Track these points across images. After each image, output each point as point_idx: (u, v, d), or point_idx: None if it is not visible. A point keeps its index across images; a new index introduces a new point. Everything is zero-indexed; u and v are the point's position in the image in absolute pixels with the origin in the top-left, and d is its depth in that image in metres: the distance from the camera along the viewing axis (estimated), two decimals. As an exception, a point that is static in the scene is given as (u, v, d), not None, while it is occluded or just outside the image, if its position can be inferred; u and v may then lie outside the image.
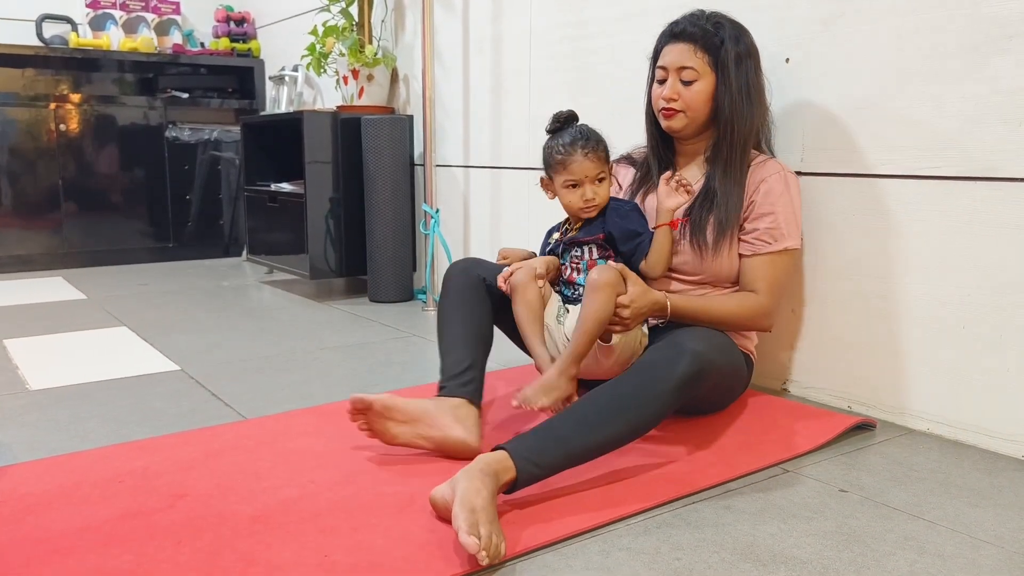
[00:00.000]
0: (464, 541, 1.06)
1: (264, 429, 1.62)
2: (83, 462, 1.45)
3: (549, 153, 1.64)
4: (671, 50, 1.63)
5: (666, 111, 1.64)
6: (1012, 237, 1.48)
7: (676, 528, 1.22)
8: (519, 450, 1.25)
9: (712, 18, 1.63)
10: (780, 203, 1.61)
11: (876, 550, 1.15)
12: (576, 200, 1.61)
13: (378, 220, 2.95)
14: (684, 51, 1.61)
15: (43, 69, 3.80)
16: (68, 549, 1.13)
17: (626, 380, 1.38)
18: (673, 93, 1.62)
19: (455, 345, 1.60)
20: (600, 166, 1.61)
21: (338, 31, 3.14)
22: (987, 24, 1.49)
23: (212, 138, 4.14)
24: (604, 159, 1.62)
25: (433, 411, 1.47)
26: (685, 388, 1.36)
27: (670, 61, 1.63)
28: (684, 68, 1.60)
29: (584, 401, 1.36)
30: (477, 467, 1.20)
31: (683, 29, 1.62)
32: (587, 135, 1.61)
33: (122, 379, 2.02)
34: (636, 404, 1.33)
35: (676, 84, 1.62)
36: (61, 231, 3.82)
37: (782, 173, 1.63)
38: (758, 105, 1.65)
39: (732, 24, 1.63)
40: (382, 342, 2.40)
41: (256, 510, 1.25)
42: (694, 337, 1.43)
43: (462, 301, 1.64)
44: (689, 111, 1.62)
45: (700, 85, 1.61)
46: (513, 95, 2.66)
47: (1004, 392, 1.52)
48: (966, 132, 1.53)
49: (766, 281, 1.60)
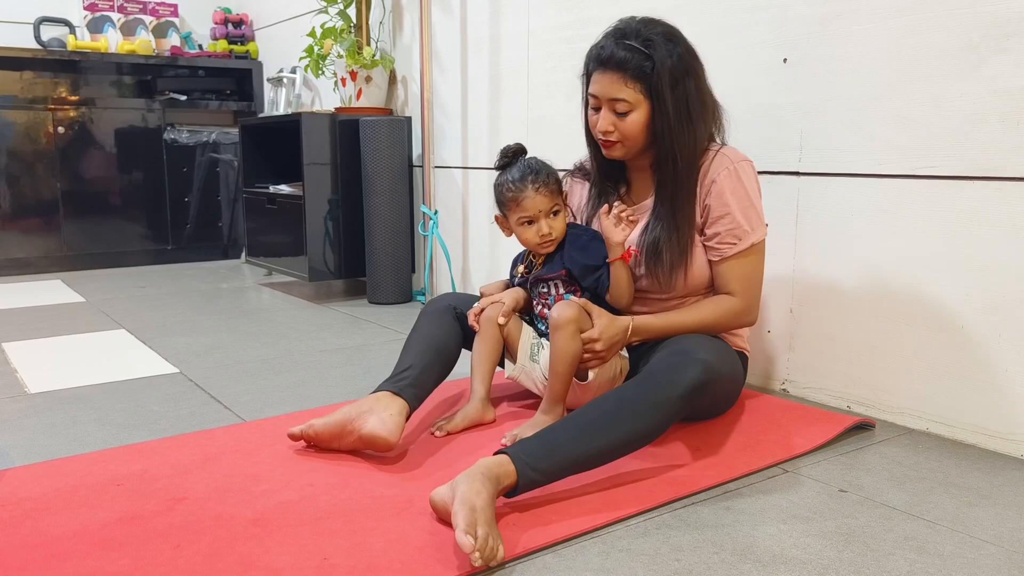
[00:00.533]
0: (460, 540, 1.06)
1: (263, 432, 1.62)
2: (81, 465, 1.45)
3: (500, 191, 1.61)
4: (600, 79, 1.51)
5: (604, 143, 1.57)
6: (1011, 236, 1.48)
7: (676, 529, 1.21)
8: (520, 455, 1.24)
9: (641, 34, 1.49)
10: (734, 199, 1.53)
11: (876, 550, 1.15)
12: (532, 237, 1.59)
13: (377, 222, 2.95)
14: (613, 81, 1.49)
15: (41, 72, 3.80)
16: (66, 553, 1.13)
17: (632, 387, 1.37)
18: (608, 126, 1.53)
19: (404, 353, 1.63)
20: (553, 199, 1.58)
21: (336, 33, 3.14)
22: (985, 23, 1.49)
23: (210, 140, 4.14)
24: (556, 191, 1.59)
25: (352, 414, 1.46)
26: (692, 396, 1.36)
27: (600, 92, 1.52)
28: (616, 100, 1.50)
29: (589, 408, 1.35)
30: (478, 469, 1.19)
31: (610, 55, 1.49)
32: (536, 169, 1.58)
33: (120, 382, 2.01)
34: (641, 411, 1.32)
35: (610, 116, 1.52)
36: (60, 234, 3.82)
37: (731, 167, 1.54)
38: (701, 121, 1.54)
39: (665, 37, 1.49)
40: (381, 344, 2.40)
41: (255, 513, 1.25)
42: (701, 346, 1.43)
43: (423, 324, 1.70)
44: (627, 141, 1.54)
45: (635, 116, 1.51)
46: (511, 96, 2.66)
47: (1003, 391, 1.52)
48: (964, 131, 1.53)
49: (739, 282, 1.56)
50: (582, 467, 1.30)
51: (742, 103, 1.91)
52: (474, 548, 1.05)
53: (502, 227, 1.68)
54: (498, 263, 2.78)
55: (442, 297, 1.77)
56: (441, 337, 1.65)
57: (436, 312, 1.71)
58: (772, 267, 1.88)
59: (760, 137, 1.88)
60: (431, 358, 1.61)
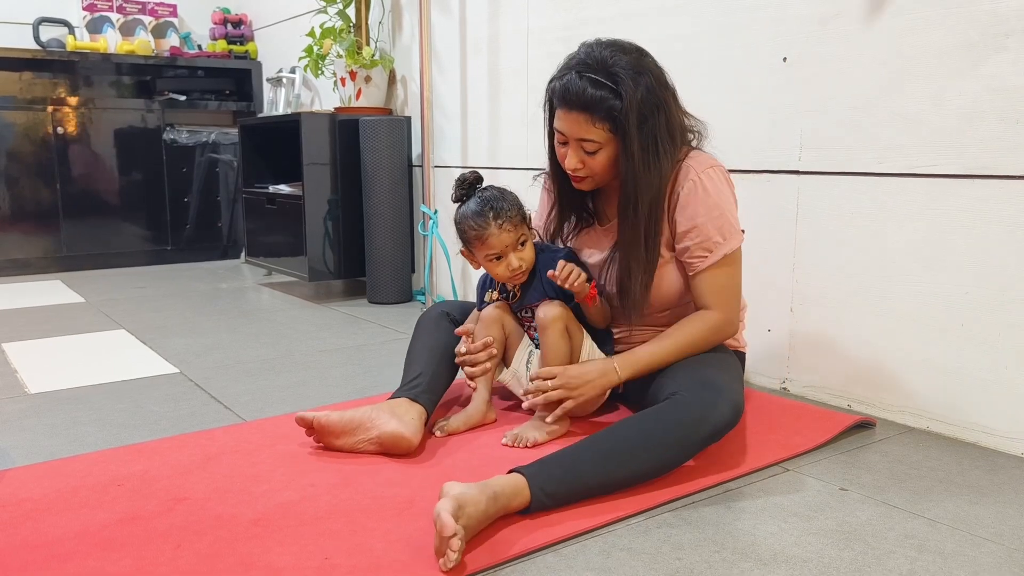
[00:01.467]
0: (445, 520, 1.05)
1: (263, 432, 1.62)
2: (81, 466, 1.45)
3: (462, 228, 1.56)
4: (566, 117, 1.45)
5: (574, 177, 1.53)
6: (1010, 235, 1.48)
7: (676, 528, 1.21)
8: (537, 479, 1.23)
9: (607, 66, 1.41)
10: (700, 211, 1.47)
11: (876, 548, 1.15)
12: (503, 271, 1.56)
13: (376, 222, 2.95)
14: (579, 123, 1.43)
15: (40, 72, 3.80)
16: (66, 554, 1.13)
17: (659, 417, 1.34)
18: (577, 163, 1.49)
19: (410, 364, 1.63)
20: (517, 232, 1.54)
21: (335, 33, 3.14)
22: (983, 22, 1.49)
23: (210, 140, 4.14)
24: (520, 221, 1.55)
25: (371, 414, 1.47)
26: (719, 436, 1.36)
27: (567, 131, 1.46)
28: (584, 140, 1.45)
29: (612, 434, 1.33)
30: (492, 487, 1.18)
31: (577, 95, 1.41)
32: (495, 203, 1.52)
33: (120, 382, 2.01)
34: (666, 445, 1.31)
35: (578, 153, 1.48)
36: (59, 234, 3.82)
37: (696, 179, 1.48)
38: (668, 157, 1.47)
39: (633, 69, 1.41)
40: (381, 344, 2.40)
41: (255, 513, 1.25)
42: (726, 376, 1.42)
43: (423, 333, 1.69)
44: (596, 176, 1.51)
45: (604, 154, 1.46)
46: (510, 95, 2.66)
47: (1003, 389, 1.52)
48: (963, 130, 1.53)
49: (714, 295, 1.51)
50: (598, 494, 1.29)
51: (741, 102, 1.91)
52: (455, 532, 1.05)
53: (469, 261, 1.64)
54: (498, 263, 2.78)
55: (433, 307, 1.77)
56: (444, 343, 1.65)
57: (433, 320, 1.71)
58: (772, 266, 1.88)
59: (760, 136, 1.88)
60: (438, 364, 1.61)
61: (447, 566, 1.06)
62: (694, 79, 1.97)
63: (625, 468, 1.29)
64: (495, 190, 1.57)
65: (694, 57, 2.00)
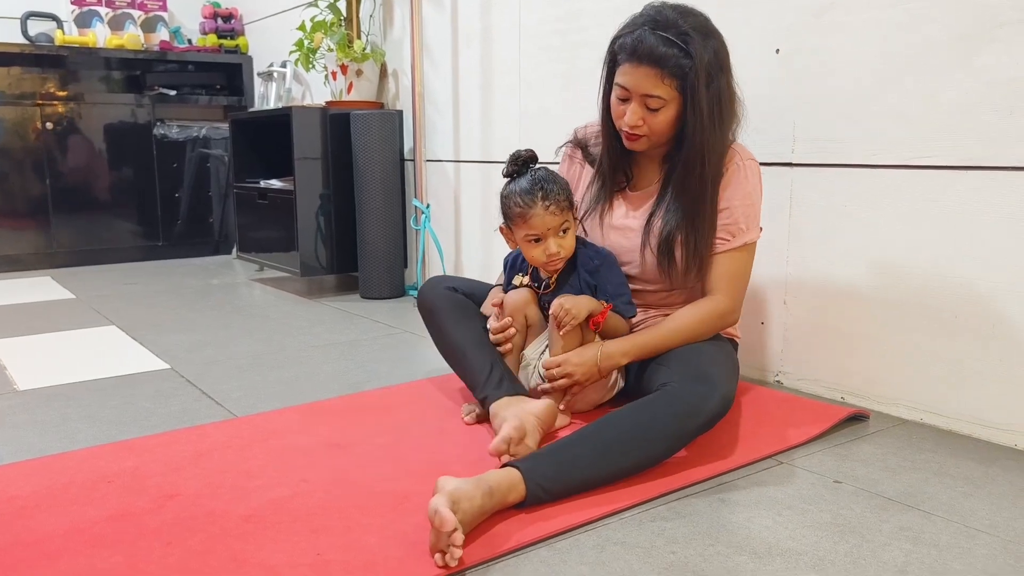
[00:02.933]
0: (443, 513, 1.04)
1: (255, 427, 1.61)
2: (72, 463, 1.44)
3: (507, 204, 1.54)
4: (633, 72, 1.45)
5: (630, 136, 1.52)
6: (1005, 226, 1.48)
7: (671, 521, 1.21)
8: (533, 473, 1.23)
9: (678, 26, 1.42)
10: (737, 196, 1.51)
11: (871, 541, 1.15)
12: (539, 255, 1.53)
13: (368, 216, 2.94)
14: (649, 77, 1.43)
15: (29, 67, 3.76)
16: (56, 551, 1.12)
17: (651, 410, 1.35)
18: (637, 120, 1.48)
19: (471, 362, 1.59)
20: (563, 217, 1.51)
21: (326, 26, 3.12)
22: (977, 13, 1.48)
23: (201, 135, 4.11)
24: (567, 207, 1.52)
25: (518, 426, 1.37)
26: (710, 427, 1.36)
27: (633, 85, 1.46)
28: (650, 96, 1.45)
29: (604, 427, 1.33)
30: (487, 482, 1.18)
31: (648, 49, 1.42)
32: (546, 184, 1.49)
33: (111, 378, 2.00)
34: (660, 437, 1.32)
35: (640, 110, 1.47)
36: (49, 230, 3.79)
37: (740, 163, 1.52)
38: (729, 118, 1.50)
39: (702, 32, 1.44)
40: (373, 339, 2.39)
41: (247, 509, 1.24)
42: (719, 367, 1.42)
43: (449, 319, 1.66)
44: (654, 136, 1.51)
45: (667, 112, 1.47)
46: (503, 89, 2.64)
47: (997, 381, 1.52)
48: (957, 122, 1.53)
49: (726, 280, 1.52)
50: (595, 487, 1.29)
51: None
52: (455, 527, 1.04)
53: (507, 239, 1.60)
54: (491, 256, 2.78)
55: (433, 285, 1.73)
56: (478, 329, 1.63)
57: (448, 301, 1.68)
58: (766, 258, 1.88)
59: (753, 128, 1.87)
60: (490, 349, 1.60)
61: (451, 563, 1.05)
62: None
63: (619, 460, 1.29)
64: (547, 171, 1.54)
65: (687, 49, 1.99)
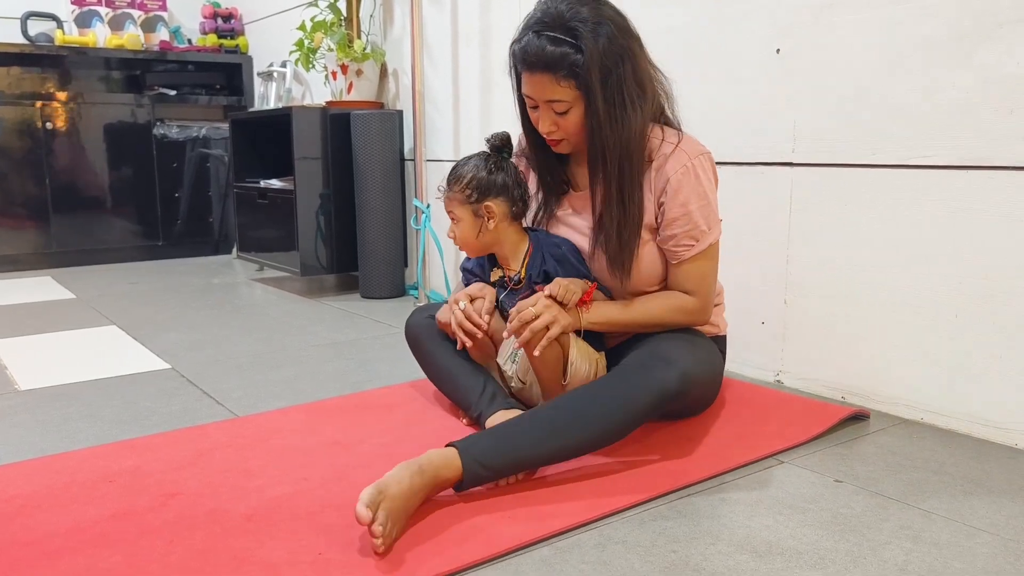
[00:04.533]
0: (359, 511, 1.07)
1: (256, 427, 1.61)
2: (72, 462, 1.44)
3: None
4: (530, 80, 1.42)
5: (550, 141, 1.50)
6: (1004, 225, 1.48)
7: (672, 520, 1.21)
8: (470, 450, 1.24)
9: (564, 22, 1.36)
10: (692, 199, 1.44)
11: (872, 540, 1.15)
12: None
13: (369, 216, 2.94)
14: (544, 83, 1.40)
15: (29, 67, 3.76)
16: (58, 550, 1.12)
17: (601, 386, 1.35)
18: (550, 126, 1.45)
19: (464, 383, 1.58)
20: (453, 206, 1.57)
21: (326, 26, 3.12)
22: (977, 11, 1.48)
23: (200, 135, 4.11)
24: (463, 202, 1.54)
25: None
26: (664, 403, 1.34)
27: (535, 94, 1.43)
28: (553, 101, 1.42)
29: (552, 406, 1.34)
30: (417, 462, 1.20)
31: (536, 56, 1.38)
32: (457, 172, 1.57)
33: (112, 378, 2.00)
34: (606, 415, 1.31)
35: (550, 115, 1.44)
36: (49, 230, 3.79)
37: (688, 164, 1.44)
38: (637, 109, 1.41)
39: (592, 20, 1.36)
40: (373, 338, 2.39)
41: (248, 508, 1.24)
42: (680, 349, 1.39)
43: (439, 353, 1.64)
44: (572, 137, 1.47)
45: (575, 112, 1.42)
46: (502, 88, 2.64)
47: (996, 381, 1.52)
48: (957, 120, 1.53)
49: (695, 282, 1.49)
50: (534, 465, 1.30)
51: (734, 94, 1.90)
52: (370, 522, 1.07)
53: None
54: (491, 257, 2.77)
55: (419, 313, 1.72)
56: (465, 352, 1.60)
57: (435, 332, 1.66)
58: (766, 258, 1.88)
59: (753, 128, 1.88)
60: (480, 369, 1.59)
61: (376, 551, 1.09)
62: (686, 71, 1.97)
63: (563, 437, 1.29)
64: (471, 163, 1.58)
65: (686, 49, 1.99)
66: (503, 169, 1.56)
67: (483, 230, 1.56)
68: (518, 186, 1.57)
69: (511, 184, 1.56)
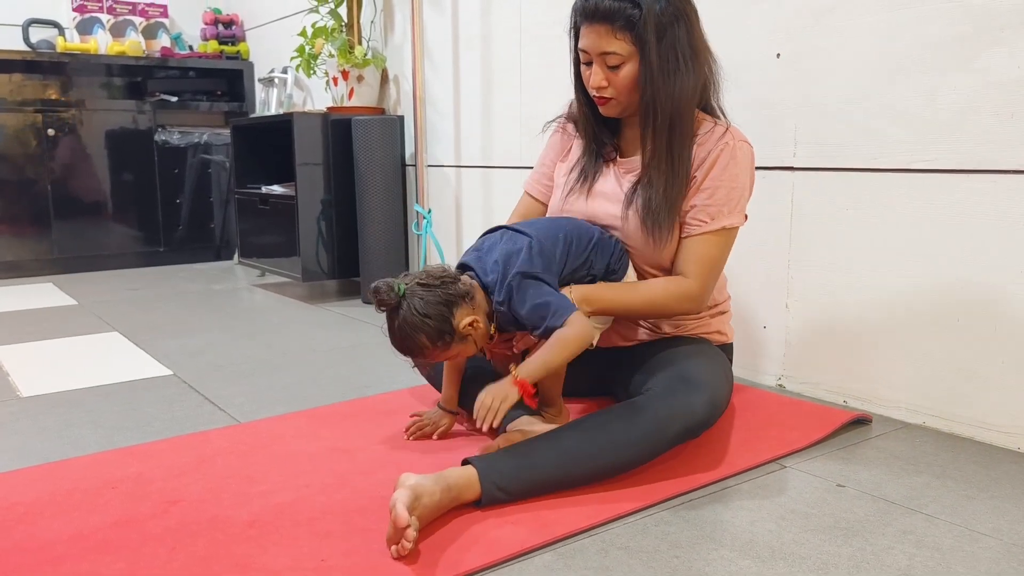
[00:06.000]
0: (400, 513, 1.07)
1: (258, 433, 1.61)
2: (74, 469, 1.44)
3: None
4: (588, 32, 1.44)
5: (599, 100, 1.50)
6: (1006, 229, 1.48)
7: (674, 526, 1.21)
8: (489, 473, 1.24)
9: None
10: (723, 177, 1.46)
11: (875, 544, 1.15)
12: None
13: (370, 221, 2.94)
14: (602, 34, 1.42)
15: (30, 74, 3.77)
16: (60, 558, 1.12)
17: (624, 414, 1.33)
18: (601, 80, 1.45)
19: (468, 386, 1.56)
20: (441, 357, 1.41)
21: (327, 32, 3.13)
22: (978, 16, 1.49)
23: (202, 141, 4.12)
24: (442, 350, 1.37)
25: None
26: (696, 434, 1.34)
27: (590, 46, 1.44)
28: (606, 54, 1.43)
29: (573, 429, 1.32)
30: (446, 479, 1.20)
31: (596, 6, 1.41)
32: (409, 345, 1.35)
33: (114, 384, 2.00)
34: (630, 444, 1.30)
35: (602, 70, 1.45)
36: (50, 237, 3.80)
37: (731, 144, 1.47)
38: (690, 71, 1.43)
39: None
40: (375, 344, 2.39)
41: (251, 515, 1.24)
42: (706, 369, 1.39)
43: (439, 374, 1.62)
44: (621, 96, 1.47)
45: (628, 69, 1.43)
46: (504, 92, 2.65)
47: (999, 385, 1.52)
48: (958, 125, 1.53)
49: (697, 263, 1.47)
50: (553, 491, 1.28)
51: (736, 98, 1.90)
52: (409, 524, 1.07)
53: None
54: (492, 262, 2.78)
55: None
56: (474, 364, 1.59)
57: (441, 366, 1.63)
58: (767, 262, 1.88)
59: (754, 132, 1.87)
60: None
61: (402, 552, 1.08)
62: (688, 76, 1.97)
63: (584, 465, 1.29)
64: (409, 315, 1.33)
65: (687, 54, 1.99)
66: (420, 297, 1.34)
67: (484, 337, 1.42)
68: (442, 284, 1.38)
69: (441, 293, 1.36)
